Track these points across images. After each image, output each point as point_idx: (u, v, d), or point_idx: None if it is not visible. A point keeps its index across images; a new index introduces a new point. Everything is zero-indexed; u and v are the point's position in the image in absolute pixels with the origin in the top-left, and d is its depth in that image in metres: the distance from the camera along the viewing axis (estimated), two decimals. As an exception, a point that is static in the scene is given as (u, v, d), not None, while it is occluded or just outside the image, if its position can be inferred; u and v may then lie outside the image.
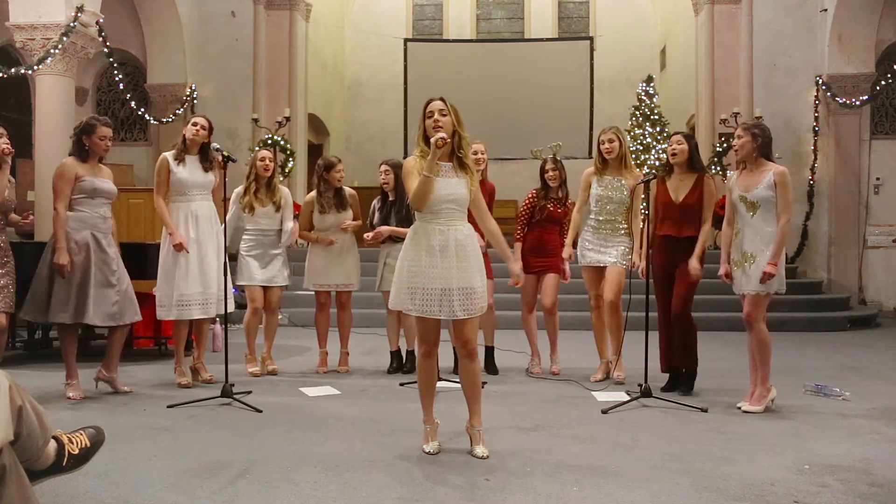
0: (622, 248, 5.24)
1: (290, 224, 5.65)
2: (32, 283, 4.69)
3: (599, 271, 5.34)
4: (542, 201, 5.62)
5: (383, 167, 5.71)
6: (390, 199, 5.69)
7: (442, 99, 3.44)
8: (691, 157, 4.89)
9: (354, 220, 5.74)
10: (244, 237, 5.60)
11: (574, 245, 5.53)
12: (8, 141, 4.35)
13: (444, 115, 3.40)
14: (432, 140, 3.31)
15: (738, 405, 4.45)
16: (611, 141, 5.28)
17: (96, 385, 4.90)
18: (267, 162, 5.59)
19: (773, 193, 4.30)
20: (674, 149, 4.95)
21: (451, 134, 3.39)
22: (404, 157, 4.03)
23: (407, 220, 5.15)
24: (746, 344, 4.57)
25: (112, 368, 4.88)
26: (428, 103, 3.46)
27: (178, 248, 4.89)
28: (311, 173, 13.17)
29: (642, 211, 5.24)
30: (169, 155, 5.06)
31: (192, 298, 5.00)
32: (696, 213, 4.84)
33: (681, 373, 4.96)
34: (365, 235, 5.70)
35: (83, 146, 4.71)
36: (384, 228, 5.55)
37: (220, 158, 4.68)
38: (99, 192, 4.71)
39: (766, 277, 4.26)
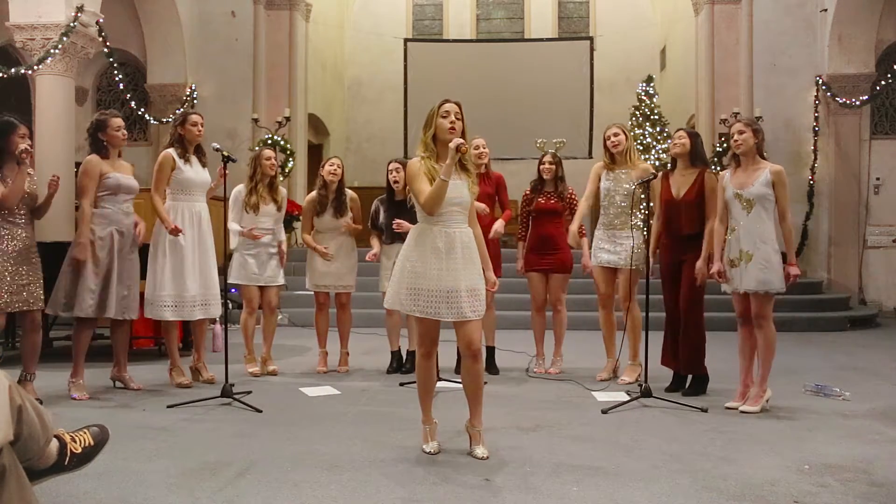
0: (630, 246, 5.23)
1: (282, 236, 5.73)
2: (58, 278, 4.73)
3: (609, 270, 5.35)
4: (533, 194, 5.68)
5: (394, 165, 5.65)
6: (397, 198, 5.63)
7: (458, 104, 3.44)
8: (693, 153, 4.88)
9: (354, 223, 5.73)
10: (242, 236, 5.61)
11: (582, 234, 5.51)
12: (30, 141, 4.40)
13: (459, 120, 3.41)
14: (451, 145, 3.28)
15: (727, 405, 4.45)
16: (616, 135, 5.30)
17: (114, 384, 5.00)
18: (273, 161, 5.62)
19: (769, 191, 4.32)
20: (675, 142, 4.97)
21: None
22: (404, 157, 4.03)
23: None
24: (738, 343, 4.57)
25: (119, 366, 4.99)
26: (443, 103, 3.44)
27: (175, 232, 4.84)
28: (311, 173, 13.21)
29: (643, 210, 5.24)
30: (173, 152, 5.04)
31: (193, 299, 4.99)
32: (697, 209, 4.82)
33: (684, 376, 4.97)
34: (370, 256, 5.60)
35: (101, 143, 4.78)
36: (405, 223, 5.43)
37: (221, 158, 4.69)
38: (123, 189, 4.80)
39: (794, 279, 4.33)
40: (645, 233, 5.10)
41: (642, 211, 5.25)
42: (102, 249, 4.71)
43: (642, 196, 5.08)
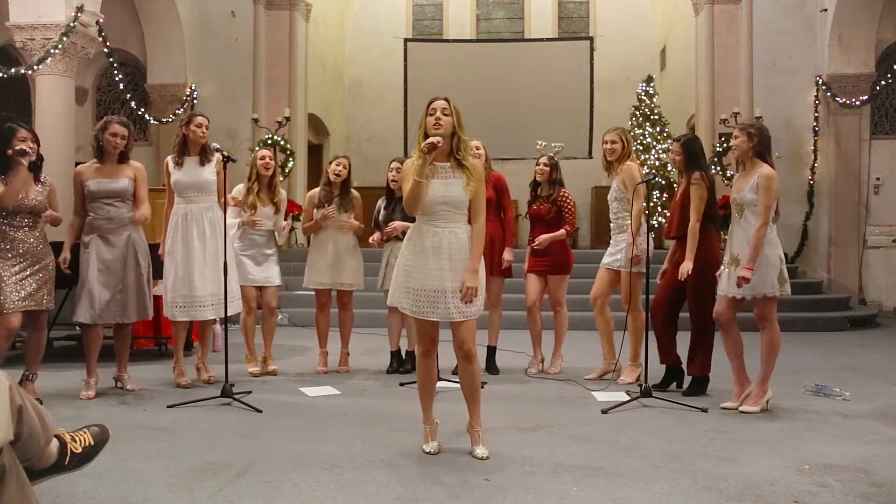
0: (626, 248, 5.24)
1: (282, 223, 5.67)
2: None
3: (608, 272, 5.37)
4: (531, 200, 5.73)
5: (395, 164, 5.70)
6: (397, 195, 5.67)
7: (446, 99, 3.42)
8: (686, 163, 4.91)
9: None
10: (239, 236, 5.61)
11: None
12: (33, 145, 4.38)
13: (447, 115, 3.37)
14: (421, 146, 3.30)
15: (723, 405, 4.45)
16: (613, 142, 5.33)
17: (116, 384, 5.01)
18: (267, 160, 5.59)
19: (756, 196, 4.31)
20: (672, 157, 5.09)
21: (449, 136, 3.37)
22: (405, 157, 4.03)
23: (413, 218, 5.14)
24: (725, 343, 4.56)
25: (121, 367, 5.01)
26: (432, 101, 3.43)
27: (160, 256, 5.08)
28: (311, 173, 13.22)
29: (637, 213, 5.24)
30: (170, 159, 5.13)
31: (191, 300, 5.00)
32: (680, 213, 4.88)
33: (676, 370, 4.98)
34: (371, 239, 5.66)
35: (98, 143, 4.83)
36: (397, 224, 5.45)
37: (221, 158, 4.69)
38: (97, 195, 4.77)
39: (742, 282, 4.27)
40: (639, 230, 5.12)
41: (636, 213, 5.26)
42: (84, 256, 4.76)
43: (627, 195, 5.16)
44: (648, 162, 11.47)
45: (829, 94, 10.94)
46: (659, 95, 12.32)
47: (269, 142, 11.27)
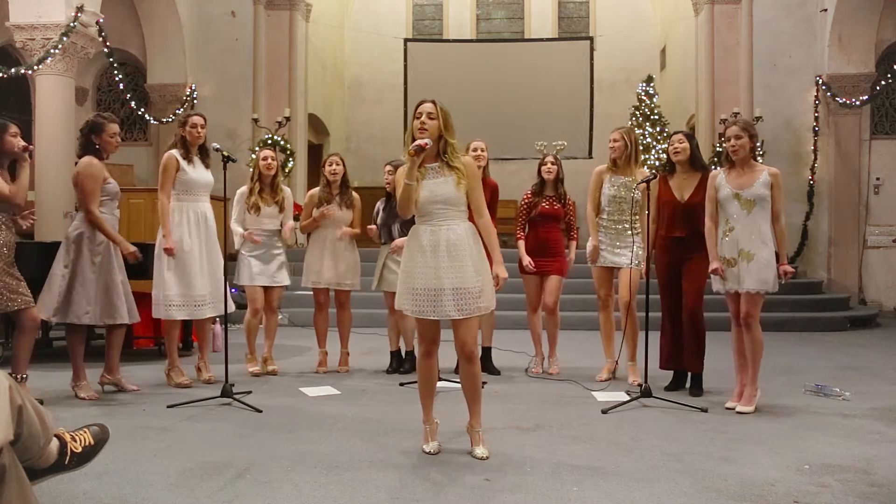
0: (634, 248, 5.22)
1: (290, 223, 5.67)
2: (46, 282, 4.70)
3: (610, 271, 5.35)
4: (536, 198, 5.65)
5: (387, 167, 5.71)
6: (394, 198, 5.69)
7: (433, 102, 3.41)
8: (693, 156, 4.91)
9: (353, 225, 5.71)
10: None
11: (573, 238, 5.63)
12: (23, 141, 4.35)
13: (432, 119, 3.37)
14: (408, 149, 3.31)
15: (727, 405, 4.46)
16: (615, 140, 5.31)
17: (102, 388, 4.93)
18: (269, 161, 5.60)
19: (768, 192, 4.39)
20: (676, 148, 4.96)
21: (435, 139, 3.37)
22: (403, 158, 4.03)
23: (410, 221, 5.15)
24: (732, 342, 4.56)
25: (114, 370, 4.92)
26: (419, 104, 3.42)
27: (169, 252, 4.91)
28: (311, 173, 13.23)
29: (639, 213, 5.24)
30: (176, 153, 5.03)
31: (203, 298, 5.01)
32: (700, 211, 4.83)
33: (685, 374, 4.97)
34: (369, 228, 5.69)
35: (94, 146, 4.73)
36: (399, 241, 5.44)
37: (221, 158, 4.68)
38: (115, 195, 4.81)
39: (788, 276, 4.44)
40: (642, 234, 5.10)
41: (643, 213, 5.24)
42: (98, 255, 4.69)
43: (635, 197, 5.13)
44: (648, 162, 11.48)
45: (829, 94, 10.95)
46: (659, 95, 12.35)
47: (270, 142, 11.28)
